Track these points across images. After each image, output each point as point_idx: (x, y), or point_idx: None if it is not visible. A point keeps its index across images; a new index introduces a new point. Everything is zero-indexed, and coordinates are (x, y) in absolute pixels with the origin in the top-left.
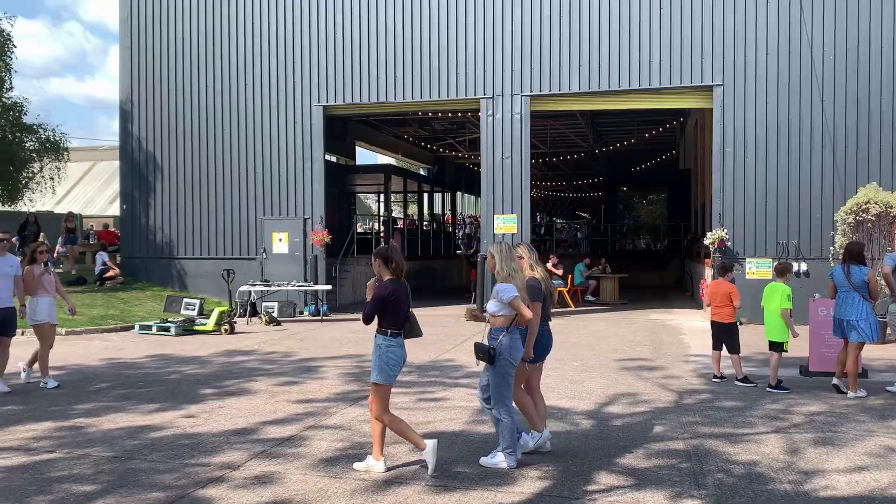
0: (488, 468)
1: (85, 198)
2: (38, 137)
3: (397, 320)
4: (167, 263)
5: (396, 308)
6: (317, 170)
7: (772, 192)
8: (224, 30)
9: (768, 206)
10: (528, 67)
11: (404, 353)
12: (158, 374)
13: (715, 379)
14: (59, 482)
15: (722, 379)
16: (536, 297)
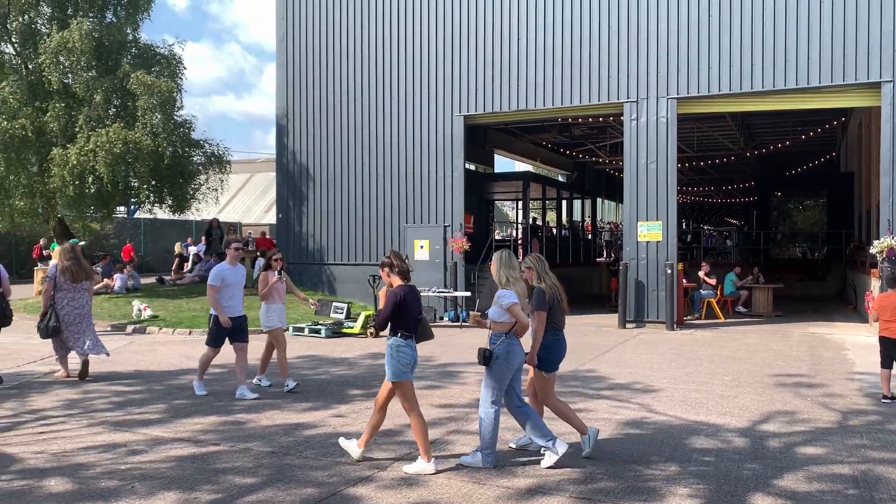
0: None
1: (243, 207)
2: (203, 152)
3: (408, 323)
4: (318, 269)
5: (407, 312)
6: (457, 178)
7: None
8: (370, 45)
9: None
10: (675, 69)
11: (415, 354)
12: (310, 375)
13: (885, 400)
14: (223, 473)
15: (892, 400)
16: (541, 307)
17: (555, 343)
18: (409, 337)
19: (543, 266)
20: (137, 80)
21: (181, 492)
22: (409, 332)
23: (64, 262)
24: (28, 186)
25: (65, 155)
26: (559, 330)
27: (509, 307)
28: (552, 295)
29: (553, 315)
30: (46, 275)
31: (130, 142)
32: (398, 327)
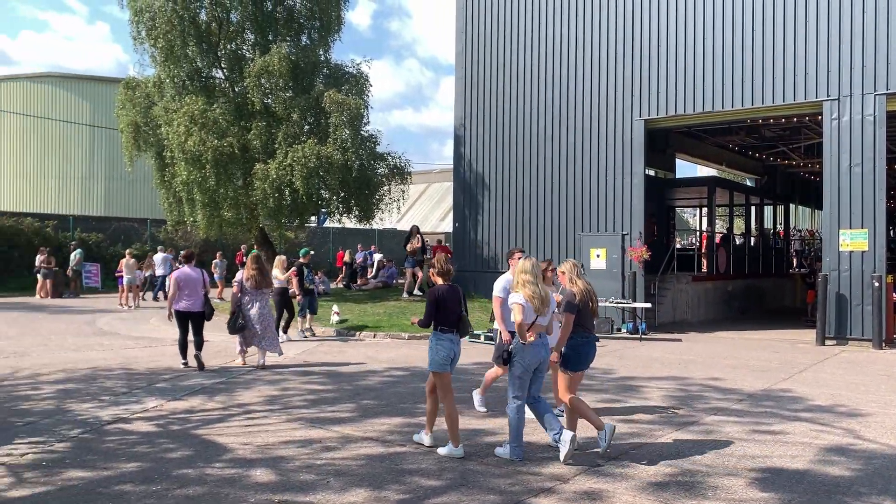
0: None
1: (420, 216)
2: (387, 164)
3: (448, 319)
4: (492, 277)
5: (446, 308)
6: (636, 184)
7: None
8: (547, 53)
9: None
10: (884, 61)
11: (454, 347)
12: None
13: None
14: (409, 474)
15: None
16: (569, 309)
17: (583, 344)
18: (448, 331)
19: (576, 270)
20: (329, 98)
21: (371, 490)
22: (447, 327)
23: (250, 271)
24: (234, 199)
25: (266, 169)
26: (588, 332)
27: (512, 306)
28: (582, 299)
29: (582, 317)
30: (234, 280)
31: (323, 156)
32: (438, 323)
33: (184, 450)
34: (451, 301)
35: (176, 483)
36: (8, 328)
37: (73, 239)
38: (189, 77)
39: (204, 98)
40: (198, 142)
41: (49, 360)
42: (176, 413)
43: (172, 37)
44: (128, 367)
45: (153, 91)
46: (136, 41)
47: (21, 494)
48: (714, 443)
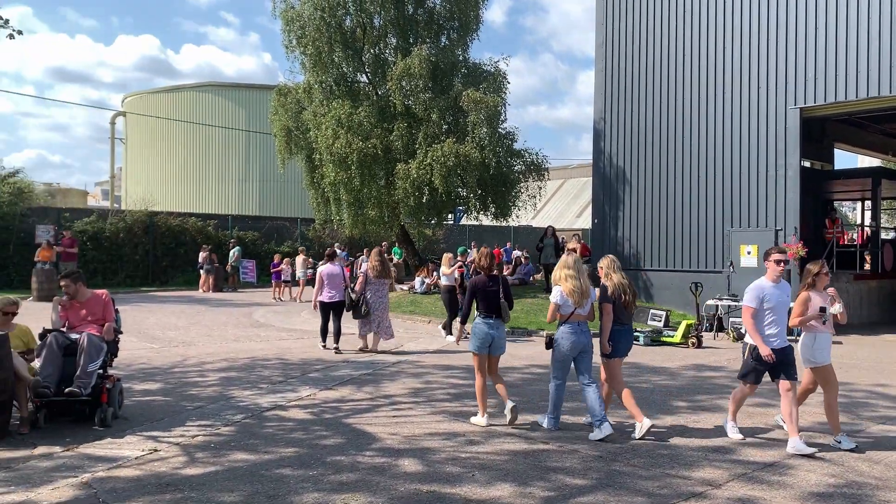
0: None
1: (556, 212)
2: (523, 161)
3: (487, 305)
4: (633, 274)
5: (483, 296)
6: (790, 177)
7: None
8: (692, 40)
9: None
10: None
11: (490, 331)
12: (631, 382)
13: None
14: (554, 472)
15: None
16: (604, 300)
17: (617, 333)
18: (487, 316)
19: (613, 266)
20: (467, 97)
21: (516, 485)
22: (487, 312)
23: (373, 263)
24: (377, 198)
25: (407, 169)
26: (623, 323)
27: (552, 300)
28: (614, 291)
29: (616, 309)
30: (360, 271)
31: (461, 155)
32: (478, 309)
33: (336, 437)
34: (488, 290)
35: (330, 469)
36: (176, 320)
37: (232, 237)
38: (336, 82)
39: (350, 102)
40: (344, 144)
41: (213, 350)
42: (328, 402)
43: (320, 43)
44: (282, 357)
45: (303, 96)
46: (287, 49)
47: (195, 473)
48: (883, 455)
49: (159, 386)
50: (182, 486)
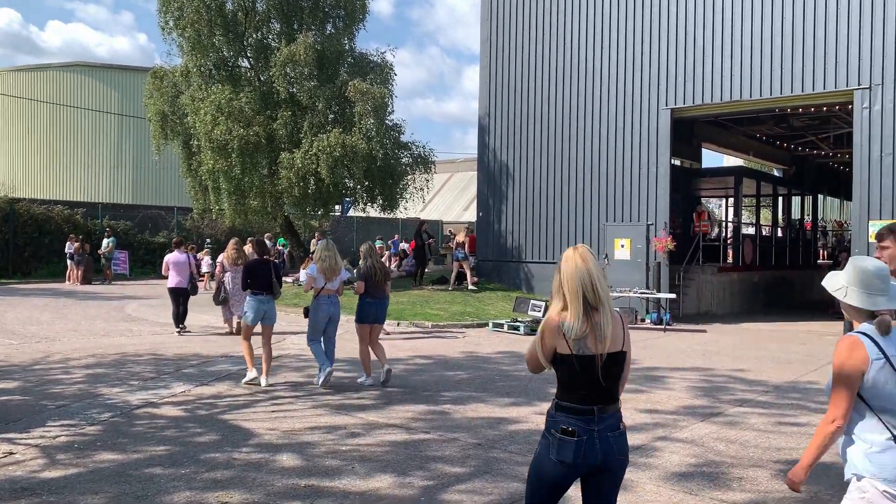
0: None
1: (444, 205)
2: (411, 153)
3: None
4: (516, 266)
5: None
6: (661, 175)
7: None
8: (573, 40)
9: None
10: None
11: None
12: (510, 371)
13: None
14: (433, 461)
15: None
16: (359, 278)
17: (369, 305)
18: (260, 292)
19: (370, 251)
20: (354, 87)
21: (396, 476)
22: (260, 289)
23: (229, 252)
24: (259, 187)
25: (291, 158)
26: (375, 297)
27: (309, 273)
28: (366, 271)
29: (369, 285)
30: (218, 260)
31: (348, 146)
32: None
33: (211, 434)
34: (258, 272)
35: (204, 467)
36: (40, 314)
37: (103, 226)
38: (216, 66)
39: (230, 87)
40: (224, 131)
41: (80, 345)
42: (203, 398)
43: (200, 26)
44: (156, 352)
45: (180, 80)
46: (163, 31)
47: (54, 475)
48: (739, 434)
49: (17, 384)
50: (40, 491)
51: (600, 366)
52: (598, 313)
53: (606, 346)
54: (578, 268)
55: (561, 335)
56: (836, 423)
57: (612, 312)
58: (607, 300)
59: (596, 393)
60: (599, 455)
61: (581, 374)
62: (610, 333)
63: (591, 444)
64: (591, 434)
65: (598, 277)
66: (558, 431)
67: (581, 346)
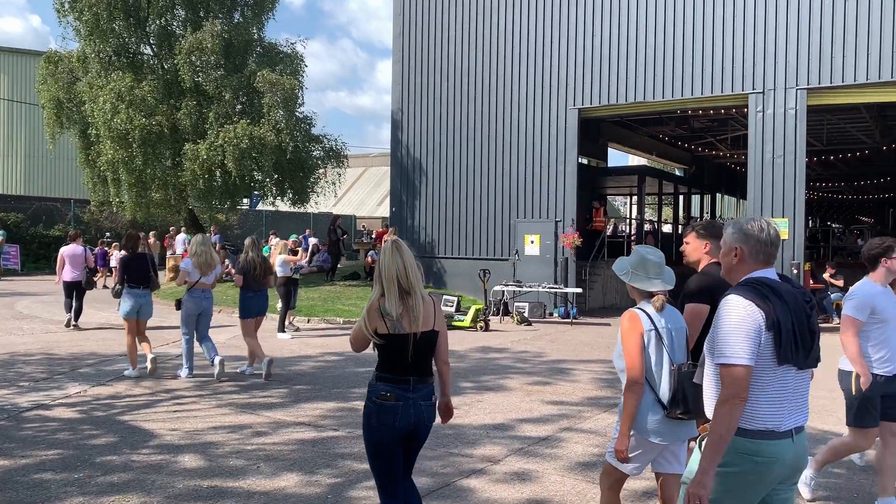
0: None
1: (357, 200)
2: (322, 147)
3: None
4: (429, 262)
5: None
6: (570, 172)
7: None
8: (485, 40)
9: None
10: (805, 58)
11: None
12: None
13: None
14: (342, 458)
15: None
16: (238, 272)
17: (249, 299)
18: (137, 286)
19: (252, 246)
20: (263, 78)
21: (303, 474)
22: (137, 283)
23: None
24: (162, 179)
25: (196, 150)
26: (254, 291)
27: (183, 267)
28: (244, 265)
29: (247, 279)
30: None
31: (256, 137)
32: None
33: (108, 436)
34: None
35: (99, 470)
36: None
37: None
38: (116, 52)
39: (131, 75)
40: (125, 120)
41: None
42: (100, 399)
43: (98, 10)
44: (49, 352)
45: (77, 66)
46: (59, 13)
47: None
48: None
49: None
50: None
51: (414, 342)
52: (411, 298)
53: (419, 325)
54: (395, 259)
55: (380, 317)
56: (638, 383)
57: (423, 297)
58: (418, 286)
59: (411, 366)
60: (412, 419)
61: (398, 350)
62: (422, 315)
63: (406, 410)
64: (406, 401)
65: (411, 266)
66: (378, 398)
67: (397, 325)
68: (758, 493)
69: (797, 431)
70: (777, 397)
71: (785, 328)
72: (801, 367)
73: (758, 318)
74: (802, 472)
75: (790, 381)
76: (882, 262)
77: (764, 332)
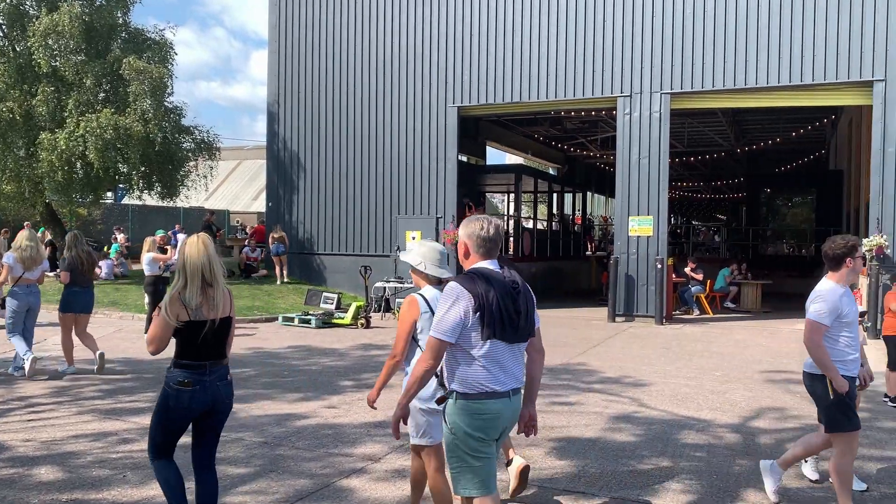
0: None
1: (231, 194)
2: (193, 138)
3: None
4: (308, 258)
5: None
6: (450, 170)
7: None
8: (366, 34)
9: None
10: (669, 64)
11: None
12: (300, 365)
13: (890, 403)
14: (216, 463)
15: None
16: (63, 268)
17: (74, 294)
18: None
19: (75, 241)
20: (129, 65)
21: None
22: None
23: None
24: (15, 170)
25: (53, 139)
26: (80, 287)
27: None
28: (70, 261)
29: (74, 275)
30: None
31: (121, 127)
32: None
33: None
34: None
35: None
36: None
37: None
38: None
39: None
40: None
41: None
42: None
43: None
44: None
45: None
46: None
47: None
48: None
49: None
50: None
51: (212, 329)
52: (212, 289)
53: (218, 313)
54: (200, 252)
55: (182, 306)
56: (397, 358)
57: (223, 288)
58: (220, 277)
59: (208, 350)
60: (210, 399)
61: (197, 336)
62: (220, 304)
63: (203, 392)
64: (203, 384)
65: (214, 260)
66: (176, 384)
67: (198, 313)
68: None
69: (514, 393)
70: (490, 366)
71: (490, 309)
72: (511, 342)
73: (467, 301)
74: None
75: (501, 353)
76: (846, 263)
77: (472, 313)
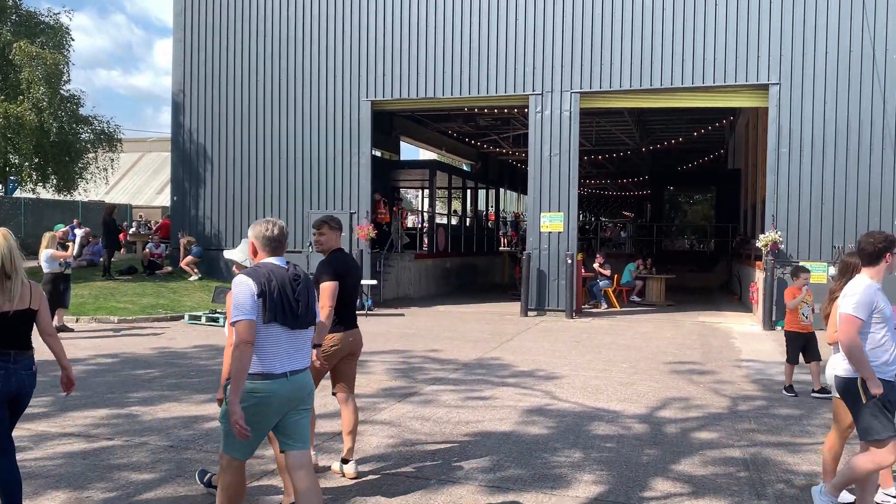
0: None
1: (134, 188)
2: (93, 129)
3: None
4: (216, 254)
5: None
6: (363, 164)
7: (828, 195)
8: (275, 24)
9: (824, 208)
10: (579, 64)
11: None
12: (208, 365)
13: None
14: (118, 469)
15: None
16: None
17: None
18: None
19: None
20: (21, 49)
21: (71, 490)
22: None
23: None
24: None
25: None
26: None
27: None
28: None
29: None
30: None
31: (12, 116)
32: None
33: None
34: None
35: None
36: None
37: None
38: None
39: None
40: None
41: None
42: None
43: None
44: None
45: None
46: None
47: None
48: (433, 412)
49: None
50: None
51: (11, 319)
52: (10, 281)
53: (14, 304)
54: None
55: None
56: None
57: (23, 280)
58: (20, 270)
59: (7, 340)
60: (14, 386)
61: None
62: (18, 296)
63: (8, 379)
64: (8, 371)
65: (14, 252)
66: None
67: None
68: (267, 420)
69: (292, 374)
70: (269, 349)
71: (270, 297)
72: (292, 327)
73: (252, 290)
74: None
75: (281, 337)
76: (886, 258)
77: (256, 299)
